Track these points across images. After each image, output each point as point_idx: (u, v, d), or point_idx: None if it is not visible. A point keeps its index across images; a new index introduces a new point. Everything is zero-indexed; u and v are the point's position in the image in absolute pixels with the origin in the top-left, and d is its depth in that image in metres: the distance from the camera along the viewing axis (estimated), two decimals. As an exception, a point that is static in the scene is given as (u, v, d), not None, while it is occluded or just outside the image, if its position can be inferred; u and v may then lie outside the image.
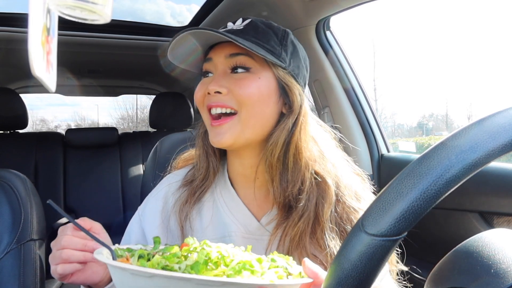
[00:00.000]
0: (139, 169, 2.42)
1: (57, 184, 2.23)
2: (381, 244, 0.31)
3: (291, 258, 0.51)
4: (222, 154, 0.74)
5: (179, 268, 0.44)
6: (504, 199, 0.91)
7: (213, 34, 0.62)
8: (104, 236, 0.61)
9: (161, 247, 0.53)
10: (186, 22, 1.92)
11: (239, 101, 0.63)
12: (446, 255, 0.37)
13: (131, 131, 2.71)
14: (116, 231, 2.65)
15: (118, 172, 2.39)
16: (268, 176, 0.67)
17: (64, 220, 2.11)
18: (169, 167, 0.97)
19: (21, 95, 2.19)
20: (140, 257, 0.48)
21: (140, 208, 0.76)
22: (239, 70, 0.65)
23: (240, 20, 0.68)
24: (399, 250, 0.68)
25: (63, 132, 2.41)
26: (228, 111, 0.64)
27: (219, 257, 0.46)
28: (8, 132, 2.26)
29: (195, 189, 0.71)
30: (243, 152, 0.69)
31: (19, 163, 2.14)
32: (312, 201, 0.65)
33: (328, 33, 1.43)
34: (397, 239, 0.31)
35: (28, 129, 2.35)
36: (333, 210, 0.66)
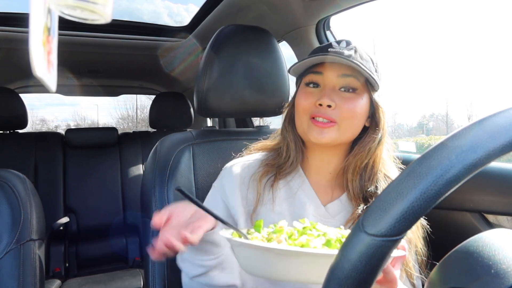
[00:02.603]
0: (139, 169, 2.42)
1: (56, 184, 2.23)
2: (381, 244, 0.31)
3: None
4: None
5: (314, 247, 0.47)
6: (504, 199, 0.91)
7: (342, 60, 0.72)
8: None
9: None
10: (185, 22, 1.92)
11: (343, 116, 0.74)
12: (446, 255, 0.37)
13: (131, 131, 2.71)
14: (116, 231, 2.64)
15: (118, 172, 2.39)
16: (350, 176, 0.79)
17: (63, 220, 2.11)
18: (168, 168, 0.97)
19: (20, 95, 2.19)
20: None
21: (216, 185, 0.85)
22: (349, 90, 0.75)
23: (344, 43, 0.77)
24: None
25: (63, 132, 2.41)
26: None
27: (339, 236, 0.50)
28: (8, 132, 2.26)
29: (283, 168, 0.81)
30: (327, 149, 0.79)
31: (19, 163, 2.14)
32: None
33: (328, 33, 1.43)
34: (397, 239, 0.31)
35: (28, 129, 2.34)
36: None
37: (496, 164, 0.94)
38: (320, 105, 0.74)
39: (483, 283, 0.31)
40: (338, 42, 0.78)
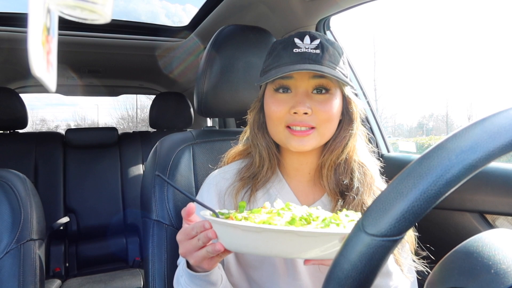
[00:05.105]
0: (139, 169, 2.42)
1: (57, 184, 2.23)
2: (381, 244, 0.31)
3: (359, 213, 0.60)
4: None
5: (278, 224, 0.51)
6: (504, 199, 0.91)
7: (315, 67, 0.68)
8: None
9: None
10: (183, 22, 1.92)
11: (320, 120, 0.71)
12: (446, 255, 0.37)
13: (131, 131, 2.71)
14: (116, 231, 2.64)
15: (118, 172, 2.39)
16: (325, 172, 0.77)
17: (63, 220, 2.11)
18: (168, 168, 0.97)
19: (20, 95, 2.19)
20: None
21: (197, 199, 0.85)
22: (322, 91, 0.72)
23: (308, 38, 0.72)
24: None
25: (63, 132, 2.41)
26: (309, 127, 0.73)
27: (307, 215, 0.54)
28: (8, 132, 2.26)
29: (259, 178, 0.78)
30: (307, 151, 0.76)
31: (19, 163, 2.14)
32: (362, 186, 0.76)
33: (328, 33, 1.43)
34: (397, 239, 0.31)
35: (28, 129, 2.34)
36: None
37: (496, 164, 0.94)
38: (295, 113, 0.70)
39: (483, 283, 0.31)
40: (301, 38, 0.72)
